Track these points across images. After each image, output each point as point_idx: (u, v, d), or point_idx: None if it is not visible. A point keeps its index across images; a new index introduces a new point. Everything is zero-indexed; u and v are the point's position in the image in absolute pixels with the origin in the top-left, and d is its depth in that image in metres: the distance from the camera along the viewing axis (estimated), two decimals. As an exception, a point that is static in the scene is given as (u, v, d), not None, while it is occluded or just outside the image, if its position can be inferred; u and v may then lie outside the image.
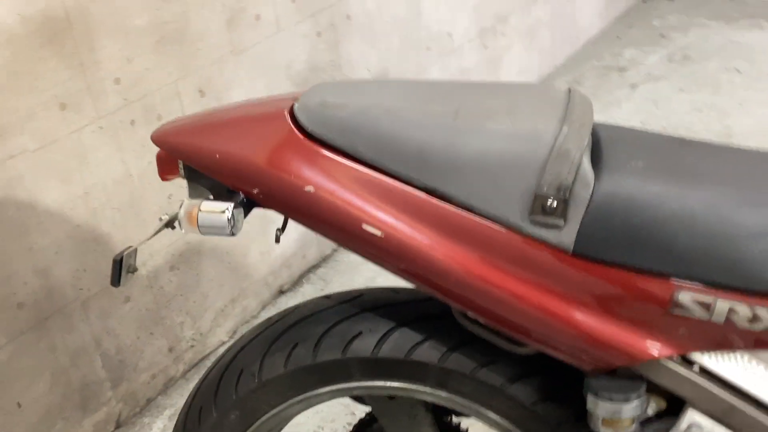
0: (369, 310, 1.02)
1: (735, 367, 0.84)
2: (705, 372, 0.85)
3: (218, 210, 0.90)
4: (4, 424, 1.67)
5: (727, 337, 0.82)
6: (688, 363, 0.86)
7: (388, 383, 1.01)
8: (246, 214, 0.94)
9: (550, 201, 0.81)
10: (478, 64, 3.02)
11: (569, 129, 0.83)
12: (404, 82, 1.00)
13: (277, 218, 0.96)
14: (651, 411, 0.89)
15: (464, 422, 1.20)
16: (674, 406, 0.89)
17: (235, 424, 1.07)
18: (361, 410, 1.25)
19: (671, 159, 0.88)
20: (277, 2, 2.06)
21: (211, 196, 0.95)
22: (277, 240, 0.96)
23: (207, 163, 0.93)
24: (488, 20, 3.00)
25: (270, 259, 2.26)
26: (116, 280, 1.02)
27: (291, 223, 0.96)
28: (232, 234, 0.91)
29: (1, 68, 1.47)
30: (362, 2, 2.36)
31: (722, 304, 0.80)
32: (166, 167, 0.99)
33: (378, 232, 0.86)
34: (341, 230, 0.88)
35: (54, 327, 1.72)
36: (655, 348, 0.84)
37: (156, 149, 0.99)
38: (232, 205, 0.91)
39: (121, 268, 1.01)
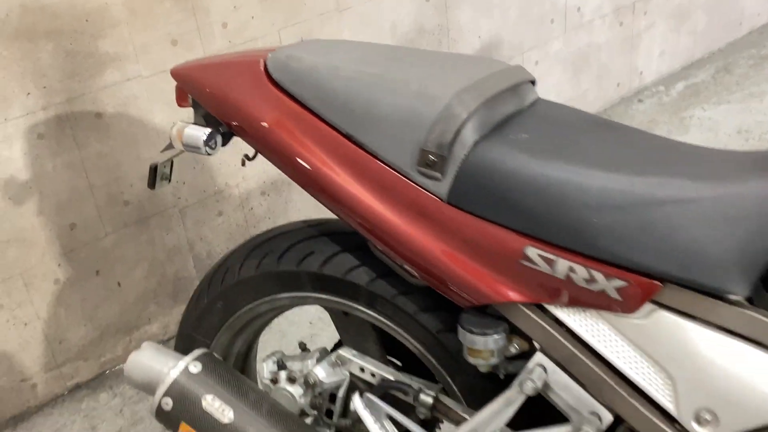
0: (326, 234, 1.22)
1: (581, 321, 0.96)
2: (555, 321, 0.97)
3: (198, 133, 1.14)
4: (106, 298, 2.05)
5: (570, 293, 0.94)
6: (542, 311, 0.98)
7: (331, 297, 1.21)
8: (225, 143, 1.17)
9: (431, 156, 0.96)
10: (610, 41, 3.02)
11: (466, 95, 0.97)
12: (371, 46, 1.17)
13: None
14: (514, 350, 1.03)
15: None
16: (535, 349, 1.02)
17: (220, 311, 1.32)
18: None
19: (563, 136, 0.99)
20: (387, -34, 2.25)
21: (204, 123, 1.19)
22: (243, 164, 1.18)
23: (201, 96, 1.16)
24: (626, -2, 3.00)
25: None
26: (151, 183, 1.29)
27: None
28: (208, 154, 1.15)
29: (121, 6, 1.79)
30: (479, -29, 2.48)
31: (563, 263, 0.92)
32: (180, 96, 1.24)
33: (307, 166, 1.06)
34: (283, 161, 1.08)
35: (154, 226, 2.06)
36: (508, 292, 0.97)
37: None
38: (210, 130, 1.14)
39: (155, 174, 1.28)
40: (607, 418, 0.96)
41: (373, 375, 1.18)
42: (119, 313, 2.09)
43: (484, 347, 1.01)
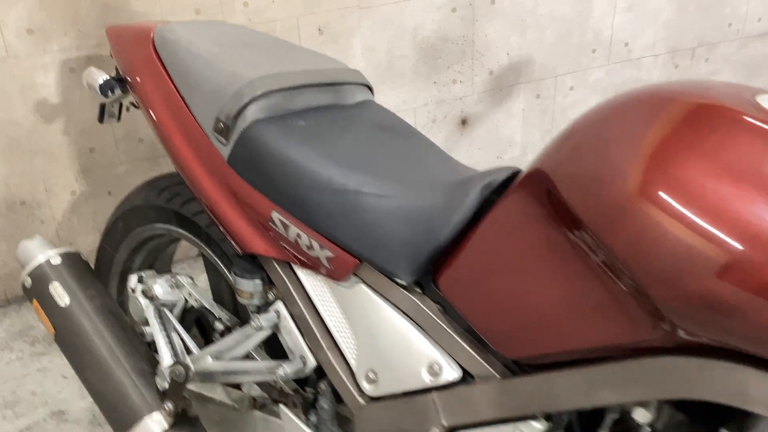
0: (195, 182, 1.46)
1: (312, 281, 1.15)
2: (295, 277, 1.17)
3: (98, 78, 1.42)
4: (115, 217, 2.40)
5: (299, 255, 1.14)
6: (289, 268, 1.18)
7: (188, 235, 1.46)
8: (125, 92, 1.44)
9: (221, 124, 1.19)
10: (661, 80, 3.04)
11: (264, 81, 1.18)
12: (242, 32, 1.40)
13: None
14: (272, 296, 1.23)
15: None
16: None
17: (121, 230, 1.60)
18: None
19: (331, 131, 1.18)
20: (415, -26, 2.44)
21: (116, 73, 1.47)
22: (127, 109, 1.45)
23: (114, 52, 1.45)
24: (685, 41, 3.00)
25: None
26: (100, 118, 1.60)
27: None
28: (105, 97, 1.43)
29: (150, -27, 2.12)
30: (513, -8, 2.61)
31: (294, 229, 1.12)
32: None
33: (155, 119, 1.31)
34: (145, 112, 1.34)
35: (164, 164, 2.39)
36: (263, 247, 1.18)
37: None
38: (108, 78, 1.42)
39: (103, 111, 1.59)
40: (311, 363, 1.16)
41: (196, 301, 1.42)
42: (124, 233, 2.44)
43: (244, 288, 1.23)
